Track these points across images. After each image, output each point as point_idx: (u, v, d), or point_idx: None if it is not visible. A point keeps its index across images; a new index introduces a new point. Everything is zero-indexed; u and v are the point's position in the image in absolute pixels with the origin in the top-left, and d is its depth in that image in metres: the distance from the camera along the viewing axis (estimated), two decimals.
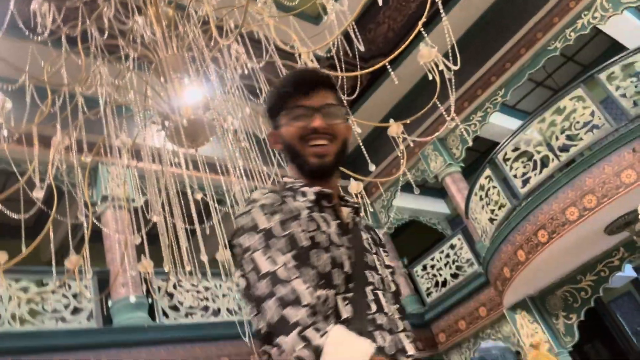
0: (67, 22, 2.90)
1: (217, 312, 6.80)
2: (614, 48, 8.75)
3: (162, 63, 2.89)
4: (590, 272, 6.87)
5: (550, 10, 7.83)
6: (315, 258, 1.06)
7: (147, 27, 2.94)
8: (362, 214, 1.34)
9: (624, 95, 5.89)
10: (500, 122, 9.34)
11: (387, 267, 1.26)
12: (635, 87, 5.88)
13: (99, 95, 2.97)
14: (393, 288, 1.23)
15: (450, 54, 2.91)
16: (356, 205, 1.29)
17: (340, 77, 2.80)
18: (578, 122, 6.08)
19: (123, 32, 2.94)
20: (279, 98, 1.25)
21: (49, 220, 3.28)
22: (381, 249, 1.31)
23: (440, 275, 8.88)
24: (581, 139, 5.97)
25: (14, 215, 3.02)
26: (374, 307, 1.11)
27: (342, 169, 1.32)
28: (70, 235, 3.93)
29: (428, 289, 9.01)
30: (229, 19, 3.08)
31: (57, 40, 3.06)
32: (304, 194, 1.17)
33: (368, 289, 1.13)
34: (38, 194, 2.66)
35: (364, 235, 1.26)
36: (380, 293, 1.15)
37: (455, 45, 2.50)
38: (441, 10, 2.82)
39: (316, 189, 1.18)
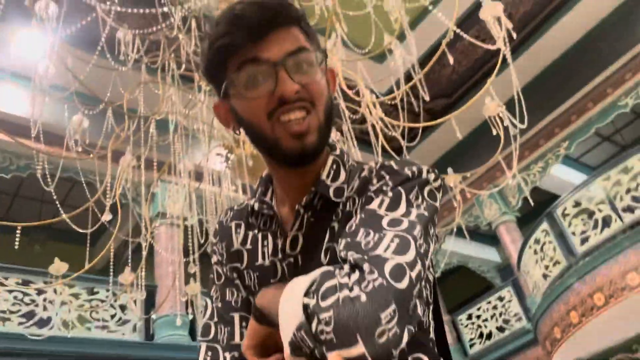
0: (147, 52, 3.09)
1: None
2: None
3: None
4: None
5: (624, 66, 7.61)
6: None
7: None
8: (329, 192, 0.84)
9: None
10: (561, 174, 9.06)
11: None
12: None
13: (169, 122, 3.12)
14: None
15: (517, 108, 2.89)
16: (311, 196, 0.83)
17: (401, 125, 2.83)
18: None
19: (199, 65, 3.09)
20: (217, 54, 0.79)
21: (109, 235, 3.42)
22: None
23: (486, 326, 8.58)
24: None
25: (79, 229, 3.16)
26: None
27: None
28: (129, 248, 4.08)
29: (471, 339, 8.71)
30: None
31: (137, 66, 3.26)
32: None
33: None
34: (106, 217, 2.80)
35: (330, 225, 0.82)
36: None
37: (522, 101, 2.47)
38: (509, 62, 2.82)
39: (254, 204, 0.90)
